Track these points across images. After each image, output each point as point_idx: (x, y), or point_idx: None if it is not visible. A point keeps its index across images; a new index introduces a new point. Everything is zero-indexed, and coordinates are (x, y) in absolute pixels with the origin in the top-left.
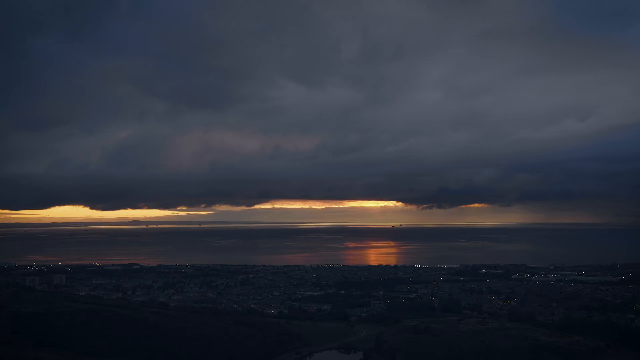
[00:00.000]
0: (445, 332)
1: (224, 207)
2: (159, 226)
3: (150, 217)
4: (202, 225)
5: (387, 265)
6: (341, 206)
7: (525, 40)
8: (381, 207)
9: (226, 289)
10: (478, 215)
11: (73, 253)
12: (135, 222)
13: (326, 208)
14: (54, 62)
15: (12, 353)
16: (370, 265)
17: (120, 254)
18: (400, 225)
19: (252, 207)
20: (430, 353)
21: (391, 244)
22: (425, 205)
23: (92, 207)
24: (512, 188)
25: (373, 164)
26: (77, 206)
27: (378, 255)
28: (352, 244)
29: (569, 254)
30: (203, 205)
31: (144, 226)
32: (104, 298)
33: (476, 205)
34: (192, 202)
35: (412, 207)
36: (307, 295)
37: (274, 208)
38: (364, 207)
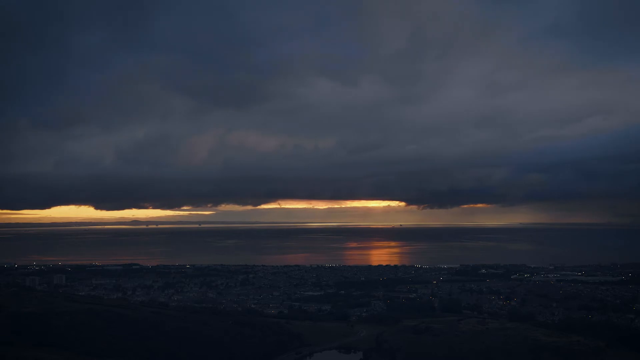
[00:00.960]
0: (445, 332)
1: (229, 207)
2: (159, 226)
3: (151, 217)
4: (202, 225)
5: (387, 265)
6: (343, 206)
7: (565, 37)
8: (384, 207)
9: (226, 289)
10: (483, 215)
11: (72, 253)
12: (135, 222)
13: (329, 208)
14: (80, 60)
15: (12, 353)
16: (370, 265)
17: (120, 254)
18: (400, 225)
19: (258, 207)
20: (430, 353)
21: (390, 244)
22: (424, 205)
23: (97, 207)
24: (518, 188)
25: (385, 163)
26: (82, 206)
27: (377, 255)
28: (353, 244)
29: (569, 254)
30: (209, 205)
31: (144, 226)
32: (104, 298)
33: (480, 205)
34: (198, 201)
35: (413, 207)
36: (307, 295)
37: (276, 208)
38: (367, 207)
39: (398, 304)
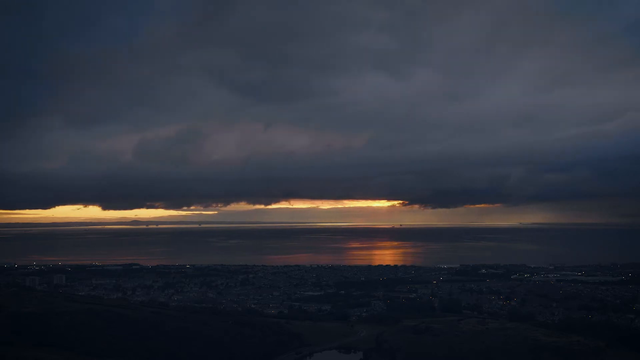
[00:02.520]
0: (445, 332)
1: (238, 206)
2: (159, 226)
3: (152, 217)
4: (202, 226)
5: (387, 265)
6: (347, 206)
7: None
8: (388, 207)
9: (226, 289)
10: (485, 216)
11: (69, 254)
12: (135, 222)
13: (332, 208)
14: (117, 54)
15: (12, 353)
16: (370, 265)
17: (119, 254)
18: (401, 225)
19: (268, 207)
20: (430, 353)
21: (393, 244)
22: (423, 205)
23: (104, 207)
24: (525, 188)
25: (402, 162)
26: (88, 205)
27: (377, 255)
28: (355, 244)
29: (569, 254)
30: (219, 205)
31: (144, 226)
32: (104, 298)
33: (482, 205)
34: (210, 200)
35: (414, 207)
36: (307, 295)
37: (278, 209)
38: (372, 207)
39: (398, 304)
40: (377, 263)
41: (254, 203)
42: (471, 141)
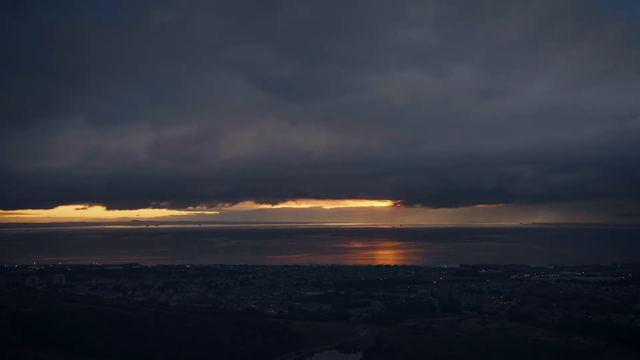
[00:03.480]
0: (445, 332)
1: (244, 206)
2: (159, 226)
3: (152, 218)
4: (202, 226)
5: (387, 265)
6: (349, 206)
7: None
8: (390, 207)
9: (226, 289)
10: (489, 216)
11: (69, 254)
12: (135, 222)
13: (335, 208)
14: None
15: (12, 353)
16: (370, 265)
17: (119, 254)
18: (401, 225)
19: (275, 206)
20: (431, 353)
21: (389, 244)
22: (423, 205)
23: (109, 207)
24: (529, 188)
25: (414, 161)
26: (93, 205)
27: (379, 255)
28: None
29: (569, 254)
30: (227, 205)
31: (144, 226)
32: (104, 298)
33: (483, 205)
34: (217, 200)
35: (416, 207)
36: (307, 295)
37: (279, 209)
38: (374, 207)
39: (398, 304)
40: (377, 263)
41: (262, 203)
42: (493, 140)
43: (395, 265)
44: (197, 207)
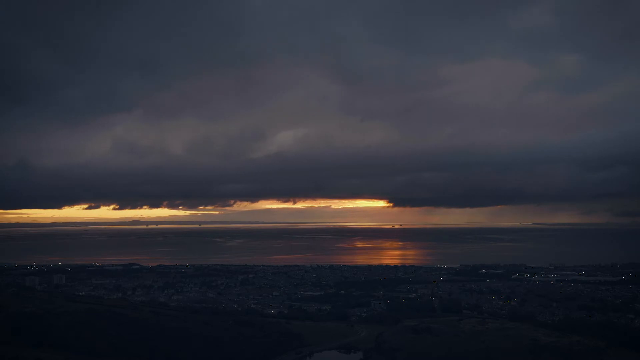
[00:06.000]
0: (445, 332)
1: (254, 205)
2: (159, 226)
3: (153, 218)
4: (202, 226)
5: (387, 265)
6: (353, 206)
7: None
8: (389, 207)
9: (226, 289)
10: (490, 216)
11: (68, 254)
12: (135, 222)
13: (341, 208)
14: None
15: (12, 353)
16: (370, 265)
17: (118, 254)
18: (400, 225)
19: (295, 206)
20: (431, 353)
21: (390, 244)
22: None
23: (121, 207)
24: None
25: (434, 158)
26: (101, 206)
27: (370, 254)
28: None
29: (569, 254)
30: (246, 203)
31: (144, 226)
32: (104, 298)
33: (490, 206)
34: (233, 198)
35: (416, 207)
36: (307, 295)
37: (280, 209)
38: (377, 207)
39: (398, 304)
40: (377, 263)
41: (283, 201)
42: (538, 137)
43: (395, 266)
44: (207, 208)
